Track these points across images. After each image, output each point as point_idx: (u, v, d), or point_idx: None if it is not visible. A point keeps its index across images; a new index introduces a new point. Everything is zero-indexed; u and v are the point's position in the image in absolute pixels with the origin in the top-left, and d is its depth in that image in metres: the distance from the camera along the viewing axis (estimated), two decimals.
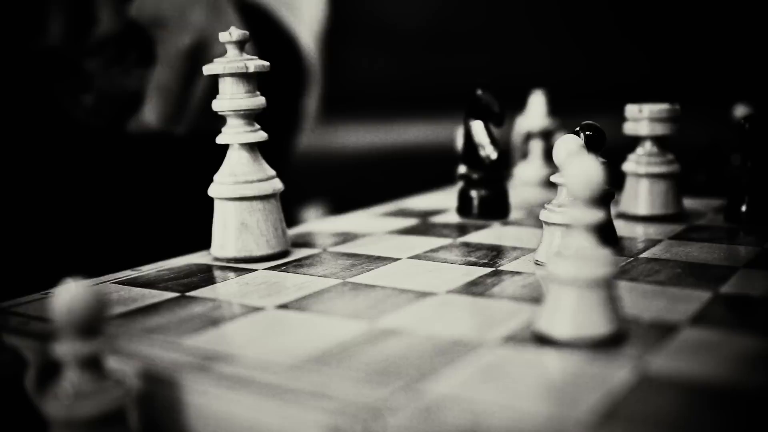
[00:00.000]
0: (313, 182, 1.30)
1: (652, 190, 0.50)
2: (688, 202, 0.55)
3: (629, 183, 0.51)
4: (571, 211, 0.28)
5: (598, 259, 0.28)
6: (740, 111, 0.66)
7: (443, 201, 0.59)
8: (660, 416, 0.22)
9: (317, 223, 0.53)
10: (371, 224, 0.51)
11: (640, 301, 0.33)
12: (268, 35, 0.81)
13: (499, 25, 1.35)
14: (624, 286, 0.35)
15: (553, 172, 0.41)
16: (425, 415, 0.23)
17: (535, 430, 0.22)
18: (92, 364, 0.26)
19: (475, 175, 0.51)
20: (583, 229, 0.28)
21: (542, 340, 0.28)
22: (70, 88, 0.55)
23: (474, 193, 0.51)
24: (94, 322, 0.26)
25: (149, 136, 0.57)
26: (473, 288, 0.35)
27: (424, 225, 0.50)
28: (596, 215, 0.28)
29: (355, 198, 0.67)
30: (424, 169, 0.78)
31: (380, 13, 1.52)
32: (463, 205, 0.52)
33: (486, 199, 0.51)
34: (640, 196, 0.50)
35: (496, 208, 0.51)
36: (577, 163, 0.27)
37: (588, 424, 0.22)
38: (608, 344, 0.28)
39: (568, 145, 0.38)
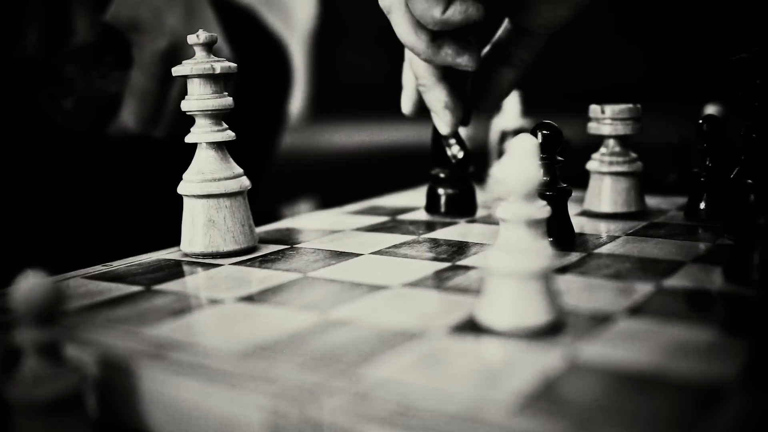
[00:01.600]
0: (302, 180, 1.31)
1: (614, 188, 0.51)
2: (656, 201, 0.56)
3: (593, 181, 0.52)
4: (509, 207, 0.30)
5: (535, 253, 0.29)
6: (711, 111, 0.68)
7: (416, 199, 0.60)
8: (583, 399, 0.24)
9: (289, 221, 0.54)
10: (341, 221, 0.52)
11: (584, 293, 0.34)
12: (253, 38, 0.83)
13: (487, 26, 1.36)
14: (572, 280, 0.36)
15: None
16: (360, 398, 0.24)
17: (459, 411, 0.23)
18: (50, 351, 0.27)
19: (442, 174, 0.53)
20: (522, 224, 0.30)
21: (482, 330, 0.30)
22: (51, 93, 0.57)
23: (441, 191, 0.53)
24: (51, 312, 0.27)
25: (129, 138, 0.59)
26: (428, 282, 0.37)
27: (393, 222, 0.52)
28: (533, 210, 0.29)
29: (341, 195, 0.68)
30: (412, 168, 0.79)
31: (371, 13, 1.53)
32: (431, 203, 0.53)
33: (453, 197, 0.53)
34: (603, 194, 0.51)
35: (462, 205, 0.53)
36: (512, 161, 0.29)
37: (509, 405, 0.23)
38: (544, 333, 0.29)
39: (523, 145, 0.39)
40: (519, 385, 0.25)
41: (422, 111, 0.52)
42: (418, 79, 0.47)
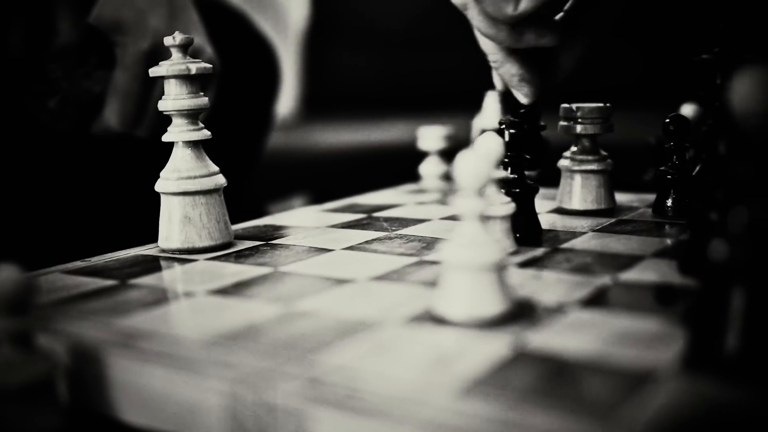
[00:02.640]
0: (294, 177, 1.33)
1: (585, 186, 0.53)
2: (628, 198, 0.58)
3: (564, 179, 0.53)
4: (464, 202, 0.31)
5: (488, 246, 0.30)
6: (687, 110, 0.69)
7: (395, 197, 0.62)
8: (522, 383, 0.25)
9: (268, 218, 0.56)
10: (319, 219, 0.54)
11: (541, 286, 0.35)
12: (241, 39, 0.84)
13: None
14: (532, 273, 0.37)
15: None
16: (312, 383, 0.26)
17: (405, 394, 0.24)
18: (22, 340, 0.28)
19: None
20: (475, 218, 0.31)
21: (437, 320, 0.31)
22: (35, 93, 0.58)
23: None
24: (22, 302, 0.28)
25: (112, 137, 0.60)
26: (392, 275, 0.38)
27: (369, 219, 0.53)
28: (486, 205, 0.31)
29: (333, 193, 0.69)
30: (402, 166, 0.80)
31: (364, 12, 1.54)
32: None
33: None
34: (573, 191, 0.53)
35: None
36: (464, 158, 0.30)
37: (453, 389, 0.25)
38: (496, 323, 0.30)
39: (488, 142, 0.40)
40: (465, 371, 0.26)
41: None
42: (488, 56, 0.45)
